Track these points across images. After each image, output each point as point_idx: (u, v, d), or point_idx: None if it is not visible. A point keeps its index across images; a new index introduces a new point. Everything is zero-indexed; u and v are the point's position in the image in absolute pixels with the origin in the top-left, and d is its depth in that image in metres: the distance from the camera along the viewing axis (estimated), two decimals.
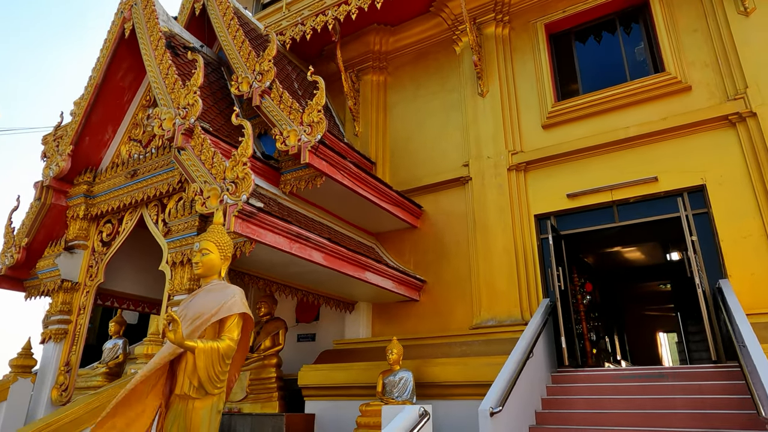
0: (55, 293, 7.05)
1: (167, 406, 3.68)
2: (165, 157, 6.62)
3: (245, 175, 5.23)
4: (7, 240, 7.59)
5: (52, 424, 4.21)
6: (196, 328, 3.67)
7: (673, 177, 6.78)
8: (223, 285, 3.96)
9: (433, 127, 9.13)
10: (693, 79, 7.03)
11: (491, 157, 8.10)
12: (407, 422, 3.41)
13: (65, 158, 7.26)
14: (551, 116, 7.87)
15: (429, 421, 3.64)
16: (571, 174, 7.53)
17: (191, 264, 5.66)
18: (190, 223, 5.71)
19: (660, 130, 6.98)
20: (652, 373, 5.90)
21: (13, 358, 6.56)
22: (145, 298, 8.33)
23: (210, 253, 3.97)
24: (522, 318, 7.03)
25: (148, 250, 8.18)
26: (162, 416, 3.67)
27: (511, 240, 7.50)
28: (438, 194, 8.62)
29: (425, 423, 3.59)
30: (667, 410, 5.17)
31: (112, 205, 7.07)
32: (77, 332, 6.93)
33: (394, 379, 6.01)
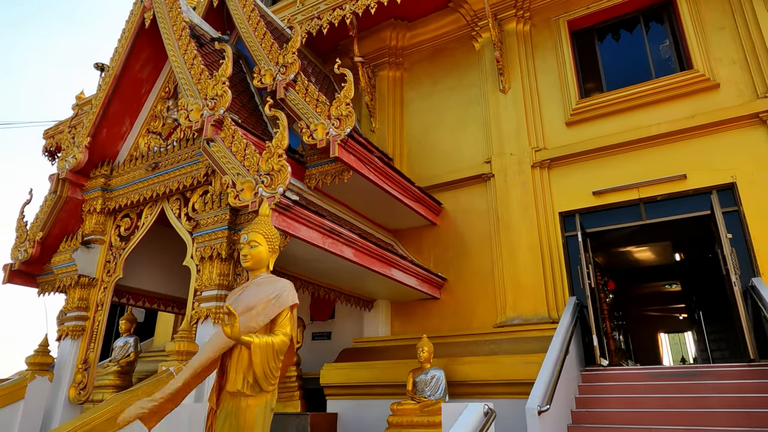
0: (72, 289, 6.85)
1: (217, 404, 3.54)
2: (189, 150, 6.46)
3: (281, 168, 5.10)
4: (20, 234, 7.37)
5: (89, 423, 4.04)
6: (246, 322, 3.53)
7: (702, 175, 6.74)
8: (273, 278, 3.82)
9: (452, 123, 9.04)
10: (721, 76, 7.01)
11: (514, 153, 8.03)
12: (474, 421, 3.30)
13: (82, 150, 7.06)
14: (575, 113, 7.81)
15: (494, 419, 3.54)
16: (596, 171, 7.47)
17: (221, 259, 5.53)
18: (221, 216, 5.55)
19: (688, 127, 6.94)
20: (685, 372, 5.85)
21: (30, 355, 6.36)
22: (160, 294, 8.14)
23: (259, 245, 3.83)
24: (549, 316, 6.96)
25: (164, 245, 8.03)
26: (212, 414, 3.53)
27: (536, 238, 7.43)
28: (457, 191, 8.53)
29: (492, 422, 3.48)
30: (703, 409, 5.11)
31: (131, 198, 6.88)
32: (95, 329, 6.74)
33: (426, 378, 5.90)
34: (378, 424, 6.63)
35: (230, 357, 3.52)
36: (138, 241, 6.87)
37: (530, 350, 6.32)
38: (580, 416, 5.48)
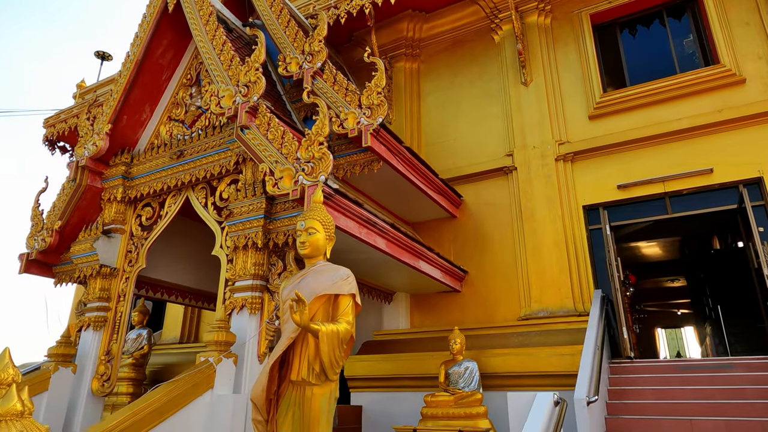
0: (92, 279, 6.70)
1: (278, 394, 3.47)
2: (216, 138, 6.34)
3: (323, 156, 5.01)
4: (36, 223, 7.19)
5: (138, 413, 3.94)
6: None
7: (729, 169, 6.78)
8: (332, 266, 3.74)
9: (471, 115, 9.00)
10: (747, 71, 7.05)
11: (537, 146, 8.01)
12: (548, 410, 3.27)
13: (103, 137, 6.89)
14: (599, 107, 7.81)
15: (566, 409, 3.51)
16: (621, 165, 7.49)
17: (256, 248, 5.43)
18: (256, 205, 5.44)
19: (714, 122, 6.98)
20: (718, 364, 5.89)
21: (53, 346, 6.21)
22: (178, 286, 8.01)
23: (316, 232, 3.75)
24: (575, 309, 6.97)
25: (184, 236, 7.90)
26: (272, 404, 3.45)
27: (560, 231, 7.43)
28: (478, 184, 8.50)
29: (564, 411, 3.45)
30: (739, 400, 5.15)
31: (154, 187, 6.74)
32: (118, 320, 6.60)
33: (459, 369, 5.87)
34: (404, 416, 6.60)
35: (293, 346, 3.44)
36: (161, 231, 6.74)
37: (560, 342, 6.33)
38: (615, 408, 5.49)
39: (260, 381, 3.29)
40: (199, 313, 10.69)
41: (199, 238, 8.25)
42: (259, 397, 3.29)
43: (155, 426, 4.09)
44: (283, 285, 3.85)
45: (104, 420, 3.91)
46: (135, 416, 3.94)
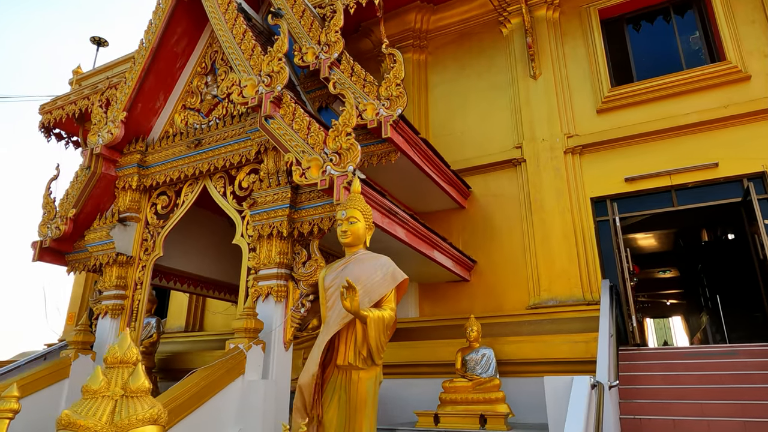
0: (109, 267, 6.71)
1: (322, 379, 3.57)
2: (236, 127, 6.36)
3: (350, 146, 5.08)
4: (49, 211, 7.15)
5: (178, 398, 4.01)
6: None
7: (734, 163, 7.00)
8: (372, 254, 3.85)
9: (478, 108, 9.11)
10: (752, 68, 7.26)
11: (546, 139, 8.16)
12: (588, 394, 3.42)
13: (118, 125, 6.86)
14: (607, 101, 7.97)
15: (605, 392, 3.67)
16: (628, 158, 7.67)
17: (281, 237, 5.49)
18: (281, 194, 5.50)
19: (719, 117, 7.19)
20: (722, 351, 6.13)
21: (73, 333, 6.23)
22: (191, 275, 8.03)
23: (357, 221, 3.85)
24: (584, 298, 7.17)
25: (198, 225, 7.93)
26: (318, 388, 3.56)
27: (569, 222, 7.61)
28: (486, 175, 8.63)
29: (604, 394, 3.61)
30: (746, 385, 5.39)
31: (170, 175, 6.75)
32: (135, 308, 6.63)
33: (476, 356, 6.03)
34: (420, 401, 6.75)
35: (338, 332, 3.54)
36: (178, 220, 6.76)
37: (572, 330, 6.52)
38: (627, 393, 5.69)
39: (309, 368, 3.39)
40: (203, 302, 10.72)
41: (212, 228, 8.30)
42: (309, 384, 3.39)
43: (194, 410, 4.18)
44: (323, 273, 3.94)
45: None
46: (176, 401, 4.01)
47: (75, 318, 12.35)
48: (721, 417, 4.89)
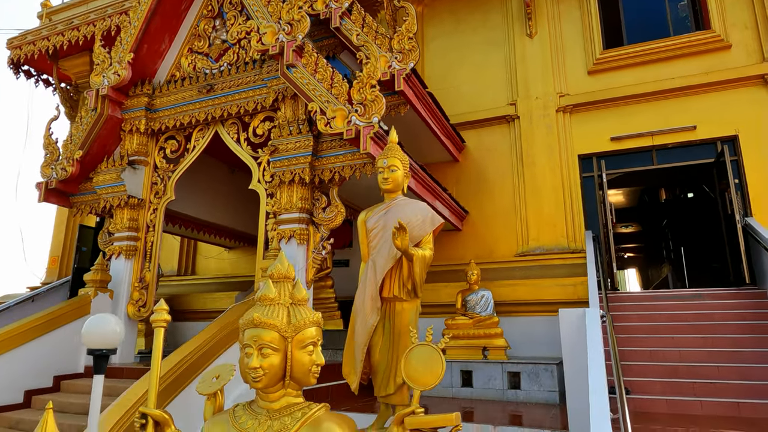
0: (120, 210, 6.81)
1: None
2: (250, 74, 6.44)
3: (375, 98, 5.33)
4: (52, 152, 7.10)
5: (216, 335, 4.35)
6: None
7: (710, 127, 7.63)
8: (409, 200, 4.20)
9: (474, 63, 9.36)
10: (733, 38, 7.79)
11: (540, 97, 8.56)
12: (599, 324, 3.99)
13: (125, 66, 6.78)
14: (598, 62, 8.39)
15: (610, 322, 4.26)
16: (614, 119, 8.19)
17: (303, 183, 5.75)
18: (303, 142, 5.72)
19: (700, 83, 7.74)
20: (689, 294, 6.92)
21: (89, 273, 6.39)
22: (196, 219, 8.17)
23: (397, 169, 4.17)
24: (569, 247, 7.82)
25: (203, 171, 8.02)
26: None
27: (558, 177, 8.15)
28: (480, 130, 9.01)
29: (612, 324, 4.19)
30: (709, 322, 6.19)
31: (180, 120, 6.80)
32: (148, 249, 6.81)
33: (476, 297, 6.60)
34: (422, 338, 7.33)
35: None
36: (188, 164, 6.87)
37: (560, 275, 7.19)
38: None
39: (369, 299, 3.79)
40: (195, 246, 10.87)
41: (214, 175, 8.42)
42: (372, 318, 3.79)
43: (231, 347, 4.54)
44: (364, 216, 4.28)
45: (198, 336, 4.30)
46: (222, 332, 4.36)
47: (58, 261, 12.26)
48: (690, 347, 5.66)
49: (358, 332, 3.96)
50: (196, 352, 4.04)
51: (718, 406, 4.67)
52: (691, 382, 5.05)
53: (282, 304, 1.93)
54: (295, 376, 1.88)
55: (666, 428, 3.99)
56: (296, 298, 1.98)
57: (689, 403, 4.73)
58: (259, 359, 1.82)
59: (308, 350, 1.89)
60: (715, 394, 4.84)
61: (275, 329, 1.85)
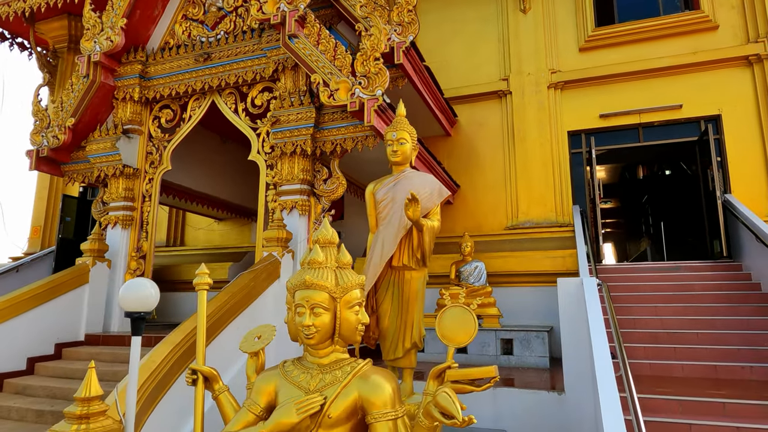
0: (114, 179, 6.76)
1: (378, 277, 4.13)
2: (248, 43, 6.38)
3: (379, 71, 5.37)
4: (42, 119, 6.96)
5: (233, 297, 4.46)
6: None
7: (695, 106, 7.89)
8: (419, 173, 4.32)
9: (467, 38, 9.39)
10: (720, 19, 7.99)
11: (532, 73, 8.68)
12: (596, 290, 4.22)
13: (118, 32, 6.63)
14: (590, 40, 8.53)
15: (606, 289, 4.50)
16: (604, 96, 8.39)
17: (305, 155, 5.81)
18: (305, 114, 5.74)
19: (687, 63, 7.96)
20: (669, 267, 7.28)
21: (86, 242, 6.37)
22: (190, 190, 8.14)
23: (406, 142, 4.28)
24: (557, 221, 8.08)
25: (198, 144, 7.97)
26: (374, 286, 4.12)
27: (548, 153, 8.35)
28: (472, 105, 9.11)
29: (608, 291, 4.43)
30: (689, 292, 6.55)
31: (176, 89, 6.72)
32: (144, 220, 6.80)
33: (470, 268, 6.82)
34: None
35: None
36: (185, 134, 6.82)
37: (550, 248, 7.46)
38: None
39: (375, 271, 3.93)
40: (184, 217, 10.83)
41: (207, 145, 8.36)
42: (371, 283, 3.94)
43: (246, 308, 4.66)
44: (372, 188, 4.39)
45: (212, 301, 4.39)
46: (233, 298, 4.47)
47: (40, 231, 12.06)
48: (670, 315, 6.01)
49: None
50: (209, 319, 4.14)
51: (697, 368, 5.02)
52: (672, 347, 5.39)
53: (329, 267, 2.05)
54: (343, 334, 2.01)
55: (653, 388, 4.30)
56: (341, 262, 2.10)
57: (671, 366, 5.07)
58: (312, 318, 1.96)
59: (354, 310, 2.03)
60: (694, 358, 5.19)
61: (326, 290, 1.98)
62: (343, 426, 1.90)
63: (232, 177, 8.94)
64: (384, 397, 1.90)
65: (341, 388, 1.91)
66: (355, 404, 1.91)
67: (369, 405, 1.89)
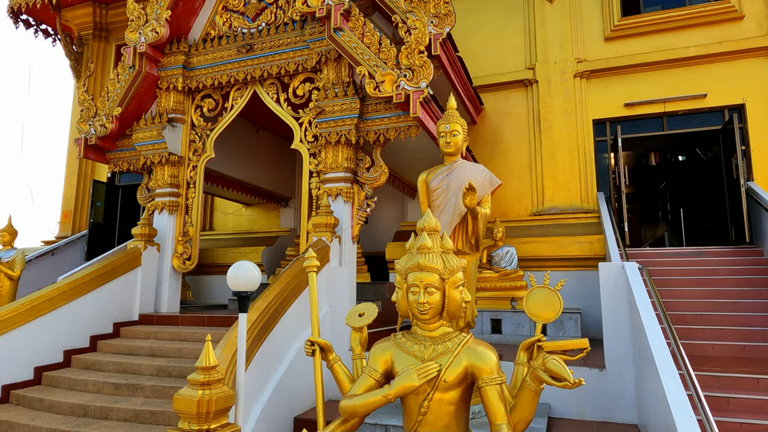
0: (161, 166, 7.03)
1: None
2: (291, 35, 6.58)
3: (423, 63, 5.58)
4: (88, 107, 7.20)
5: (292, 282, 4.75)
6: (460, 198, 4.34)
7: (719, 95, 8.07)
8: (470, 163, 4.58)
9: (492, 28, 9.54)
10: (746, 9, 8.13)
11: (558, 62, 8.85)
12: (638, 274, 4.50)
13: (163, 24, 6.84)
14: (616, 29, 8.67)
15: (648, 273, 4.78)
16: (628, 85, 8.57)
17: (349, 144, 6.05)
18: (350, 105, 5.97)
19: (714, 53, 8.12)
20: (692, 252, 7.54)
21: (137, 227, 6.65)
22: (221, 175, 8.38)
23: (459, 134, 4.52)
24: (582, 207, 8.33)
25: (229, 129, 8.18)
26: None
27: (574, 141, 8.57)
28: (497, 94, 9.30)
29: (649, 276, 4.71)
30: (714, 276, 6.82)
31: (218, 79, 6.94)
32: (189, 205, 7.08)
33: (501, 253, 7.10)
34: None
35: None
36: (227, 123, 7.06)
37: (576, 233, 7.72)
38: None
39: None
40: (212, 202, 11.11)
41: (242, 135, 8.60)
42: None
43: (305, 290, 4.96)
44: (426, 177, 4.65)
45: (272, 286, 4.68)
46: (294, 280, 4.77)
47: (70, 216, 12.38)
48: (697, 299, 6.29)
49: None
50: (276, 299, 4.45)
51: (727, 348, 5.31)
52: (701, 328, 5.68)
53: (436, 252, 2.33)
54: (449, 311, 2.30)
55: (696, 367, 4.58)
56: (445, 247, 2.38)
57: (702, 345, 5.36)
58: (426, 296, 2.24)
59: (459, 290, 2.31)
60: (722, 338, 5.48)
61: (437, 272, 2.26)
62: (455, 390, 2.19)
63: (264, 164, 9.19)
64: (491, 365, 2.19)
65: (453, 357, 2.19)
66: (466, 371, 2.20)
67: (478, 371, 2.18)
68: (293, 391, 4.62)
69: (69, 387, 4.92)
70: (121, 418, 4.23)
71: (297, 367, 4.69)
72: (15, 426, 4.26)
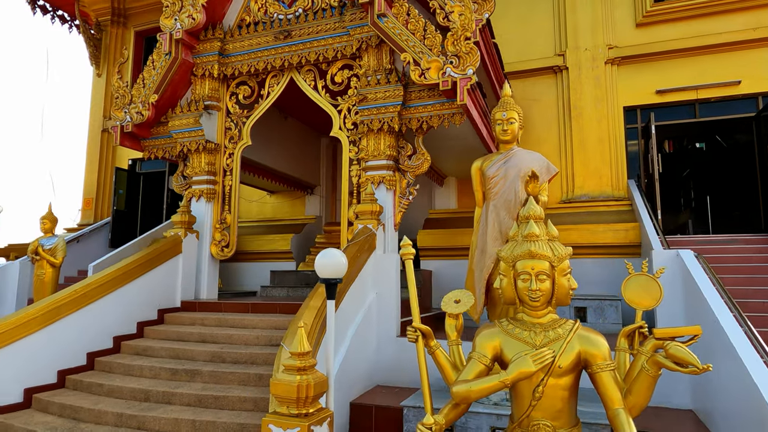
0: (197, 154, 7.03)
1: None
2: (330, 21, 6.54)
3: (470, 50, 5.55)
4: (123, 95, 7.19)
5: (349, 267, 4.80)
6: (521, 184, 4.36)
7: (753, 82, 8.02)
8: (527, 150, 4.60)
9: (519, 14, 9.46)
10: None
11: (589, 49, 8.79)
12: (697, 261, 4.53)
13: (200, 10, 6.80)
14: (648, 15, 8.59)
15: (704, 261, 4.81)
16: (660, 72, 8.51)
17: (392, 132, 6.04)
18: (393, 92, 5.96)
19: (748, 39, 8.05)
20: (724, 240, 7.56)
21: (176, 215, 6.68)
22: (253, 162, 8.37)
23: (515, 122, 4.54)
24: (613, 195, 8.33)
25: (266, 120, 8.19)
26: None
27: (605, 128, 8.54)
28: (525, 80, 9.25)
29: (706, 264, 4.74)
30: (748, 264, 6.84)
31: (255, 66, 6.91)
32: (226, 193, 7.10)
33: None
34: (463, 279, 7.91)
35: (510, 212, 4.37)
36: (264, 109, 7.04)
37: (608, 221, 7.73)
38: None
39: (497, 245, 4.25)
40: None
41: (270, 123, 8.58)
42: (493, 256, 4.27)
43: (356, 278, 5.00)
44: (480, 164, 4.67)
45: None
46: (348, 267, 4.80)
47: (92, 203, 12.41)
48: (733, 286, 6.31)
49: (477, 266, 4.43)
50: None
51: None
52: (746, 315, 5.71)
53: (544, 240, 2.35)
54: (558, 298, 2.33)
55: None
56: (551, 235, 2.40)
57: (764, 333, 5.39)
58: (537, 283, 2.26)
59: (567, 277, 2.33)
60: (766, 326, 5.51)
61: (548, 260, 2.28)
62: (568, 375, 2.23)
63: (292, 152, 9.19)
64: (604, 351, 2.23)
65: (566, 344, 2.23)
66: (578, 357, 2.24)
67: (592, 357, 2.22)
68: (348, 377, 4.68)
69: (124, 372, 4.99)
70: (184, 402, 4.30)
71: (352, 354, 4.75)
72: (79, 410, 4.33)
